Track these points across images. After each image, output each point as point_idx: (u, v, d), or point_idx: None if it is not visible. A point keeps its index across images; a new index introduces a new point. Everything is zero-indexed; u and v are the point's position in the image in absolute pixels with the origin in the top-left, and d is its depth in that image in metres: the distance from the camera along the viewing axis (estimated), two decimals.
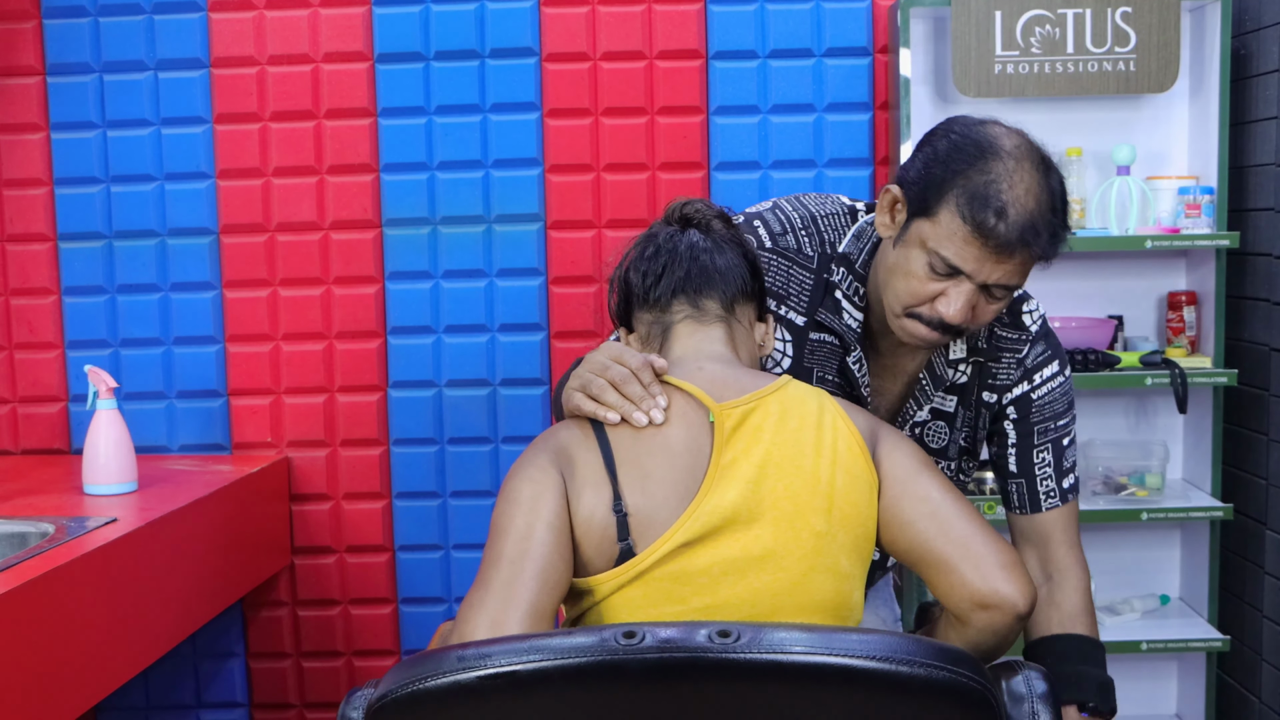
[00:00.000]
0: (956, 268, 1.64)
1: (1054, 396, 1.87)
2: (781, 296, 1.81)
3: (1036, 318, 1.88)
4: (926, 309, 1.69)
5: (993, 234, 1.61)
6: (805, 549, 1.48)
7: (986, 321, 1.72)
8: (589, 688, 1.15)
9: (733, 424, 1.50)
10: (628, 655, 1.13)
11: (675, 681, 1.14)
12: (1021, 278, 1.68)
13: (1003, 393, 1.87)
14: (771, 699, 1.15)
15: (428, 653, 1.19)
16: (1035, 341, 1.87)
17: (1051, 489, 1.86)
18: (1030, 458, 1.86)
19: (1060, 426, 1.87)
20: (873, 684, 1.14)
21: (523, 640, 1.17)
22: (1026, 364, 1.86)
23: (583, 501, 1.49)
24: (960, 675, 1.15)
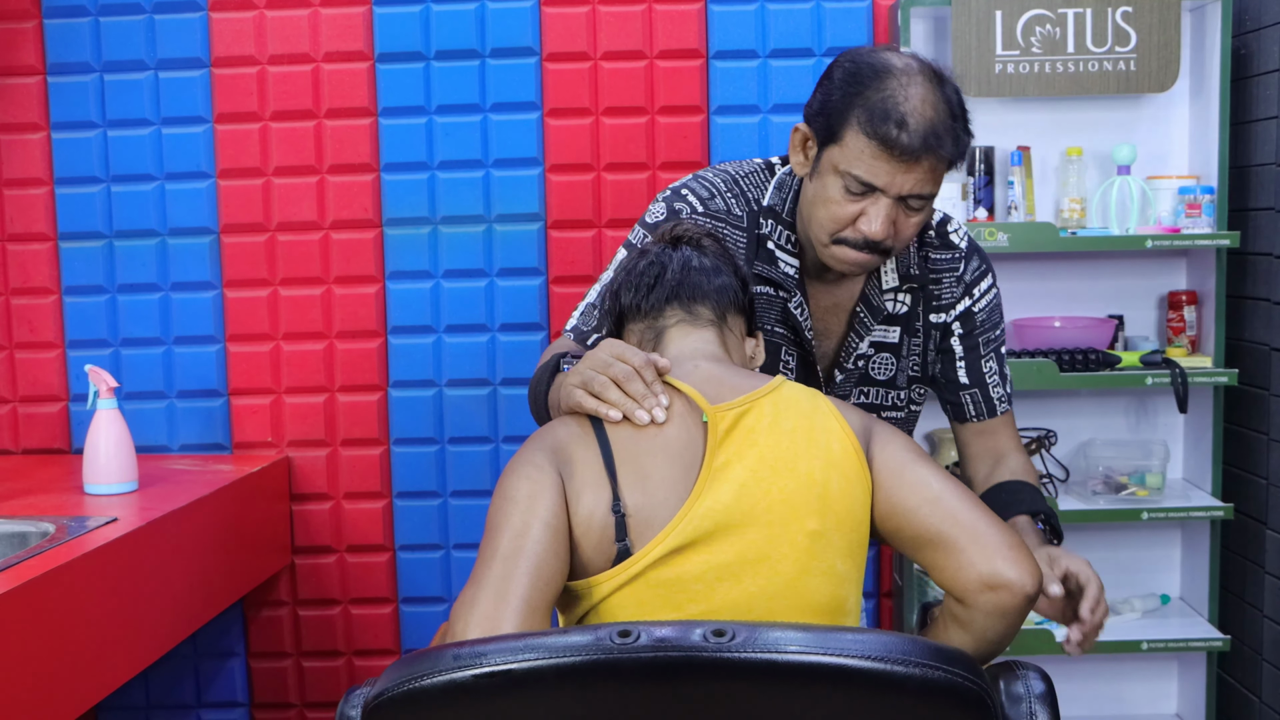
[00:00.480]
0: (870, 184, 1.73)
1: (992, 308, 1.99)
2: None
3: (963, 234, 1.98)
4: (851, 231, 1.77)
5: (897, 144, 1.69)
6: (799, 551, 1.48)
7: (910, 236, 1.80)
8: (584, 686, 1.15)
9: (726, 425, 1.51)
10: (623, 654, 1.13)
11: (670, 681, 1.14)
12: (934, 185, 1.76)
13: (948, 311, 1.96)
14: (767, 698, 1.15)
15: (424, 651, 1.19)
16: (969, 257, 1.97)
17: (1001, 394, 2.00)
18: (980, 368, 1.98)
19: (998, 336, 2.01)
20: (868, 684, 1.14)
21: (518, 639, 1.17)
22: (966, 279, 1.96)
23: (582, 501, 1.49)
24: (956, 675, 1.15)
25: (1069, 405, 3.06)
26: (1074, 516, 2.84)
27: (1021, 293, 3.04)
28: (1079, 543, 3.08)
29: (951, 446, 2.97)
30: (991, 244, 2.76)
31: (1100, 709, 3.10)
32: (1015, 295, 3.04)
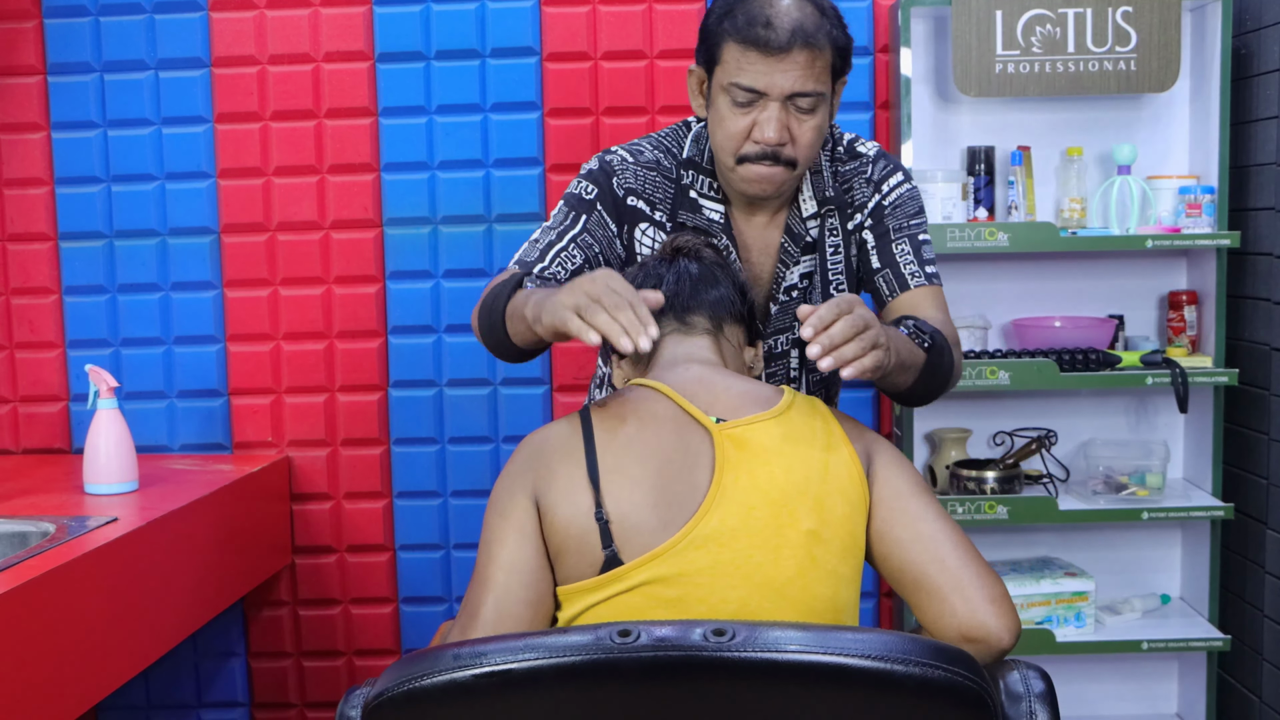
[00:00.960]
0: (751, 88, 1.80)
1: (903, 200, 2.00)
2: (651, 201, 1.96)
3: (871, 145, 2.04)
4: (749, 145, 1.84)
5: (766, 41, 1.78)
6: (797, 551, 1.47)
7: (810, 143, 1.85)
8: (584, 686, 1.15)
9: (736, 441, 1.50)
10: (623, 654, 1.13)
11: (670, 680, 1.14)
12: (815, 81, 1.81)
13: (861, 210, 2.00)
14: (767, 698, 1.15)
15: (424, 651, 1.19)
16: (875, 160, 2.02)
17: (915, 271, 1.97)
18: (890, 250, 1.98)
19: (914, 224, 2.00)
20: (868, 683, 1.14)
21: (518, 639, 1.17)
22: (874, 179, 2.00)
23: (560, 511, 1.49)
24: (956, 674, 1.15)
25: (1069, 405, 3.06)
26: (1074, 516, 2.84)
27: (1022, 292, 3.04)
28: (1079, 543, 3.08)
29: (953, 446, 2.97)
30: (992, 244, 2.76)
31: (1100, 709, 3.10)
32: (1015, 295, 3.04)
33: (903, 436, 2.91)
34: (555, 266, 1.89)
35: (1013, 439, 3.01)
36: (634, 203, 1.97)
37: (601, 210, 1.96)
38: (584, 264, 1.91)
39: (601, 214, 1.96)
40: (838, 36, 1.84)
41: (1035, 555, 3.08)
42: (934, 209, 2.87)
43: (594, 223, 1.95)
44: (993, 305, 3.04)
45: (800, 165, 1.87)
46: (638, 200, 1.96)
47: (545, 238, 1.94)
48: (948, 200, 2.87)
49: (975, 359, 2.80)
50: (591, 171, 1.99)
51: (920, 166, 2.92)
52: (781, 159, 1.84)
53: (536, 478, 1.52)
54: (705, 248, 1.74)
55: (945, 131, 3.00)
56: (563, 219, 1.96)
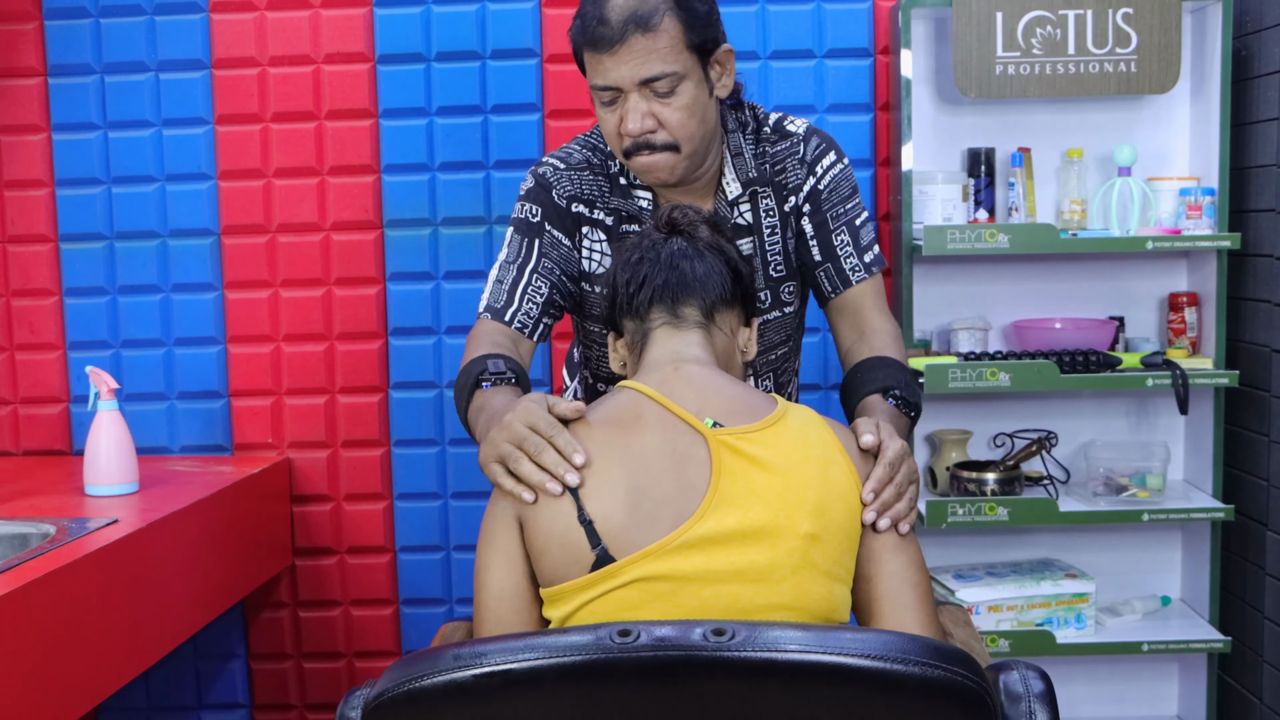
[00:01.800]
0: (605, 85, 1.84)
1: (837, 182, 2.00)
2: (589, 202, 1.99)
3: (800, 123, 2.02)
4: (626, 141, 1.86)
5: (601, 37, 1.81)
6: (795, 554, 1.47)
7: (684, 123, 1.85)
8: (584, 686, 1.15)
9: (731, 449, 1.49)
10: (623, 653, 1.13)
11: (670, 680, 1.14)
12: (661, 61, 1.82)
13: (796, 193, 2.00)
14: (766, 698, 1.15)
15: (424, 652, 1.19)
16: (806, 139, 2.00)
17: (856, 265, 2.00)
18: (830, 242, 2.00)
19: (850, 209, 2.01)
20: (868, 682, 1.14)
21: (518, 639, 1.17)
22: (807, 159, 1.99)
23: (539, 518, 1.49)
24: (956, 674, 1.15)
25: (1069, 406, 3.06)
26: (1075, 518, 2.84)
27: (1022, 294, 3.04)
28: (1080, 544, 3.08)
29: (953, 448, 2.97)
30: (992, 245, 2.76)
31: (1101, 710, 3.10)
32: (1016, 296, 3.04)
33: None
34: (526, 304, 1.94)
35: (1013, 440, 3.01)
36: (578, 208, 1.99)
37: (550, 229, 1.98)
38: (551, 292, 1.96)
39: (551, 233, 1.98)
40: (682, 5, 1.83)
41: (1036, 557, 3.08)
42: (934, 210, 2.87)
43: (547, 245, 1.97)
44: (993, 307, 3.04)
45: (685, 146, 1.87)
46: (580, 205, 1.99)
47: (507, 276, 1.97)
48: (948, 202, 2.87)
49: (976, 360, 2.80)
50: (530, 190, 2.00)
51: (921, 168, 2.92)
52: (657, 145, 1.85)
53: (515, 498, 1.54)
54: (701, 224, 1.70)
55: (946, 133, 3.00)
56: (518, 251, 1.98)
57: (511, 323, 1.94)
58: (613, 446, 1.50)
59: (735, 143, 1.99)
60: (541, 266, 1.97)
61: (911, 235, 2.85)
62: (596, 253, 2.00)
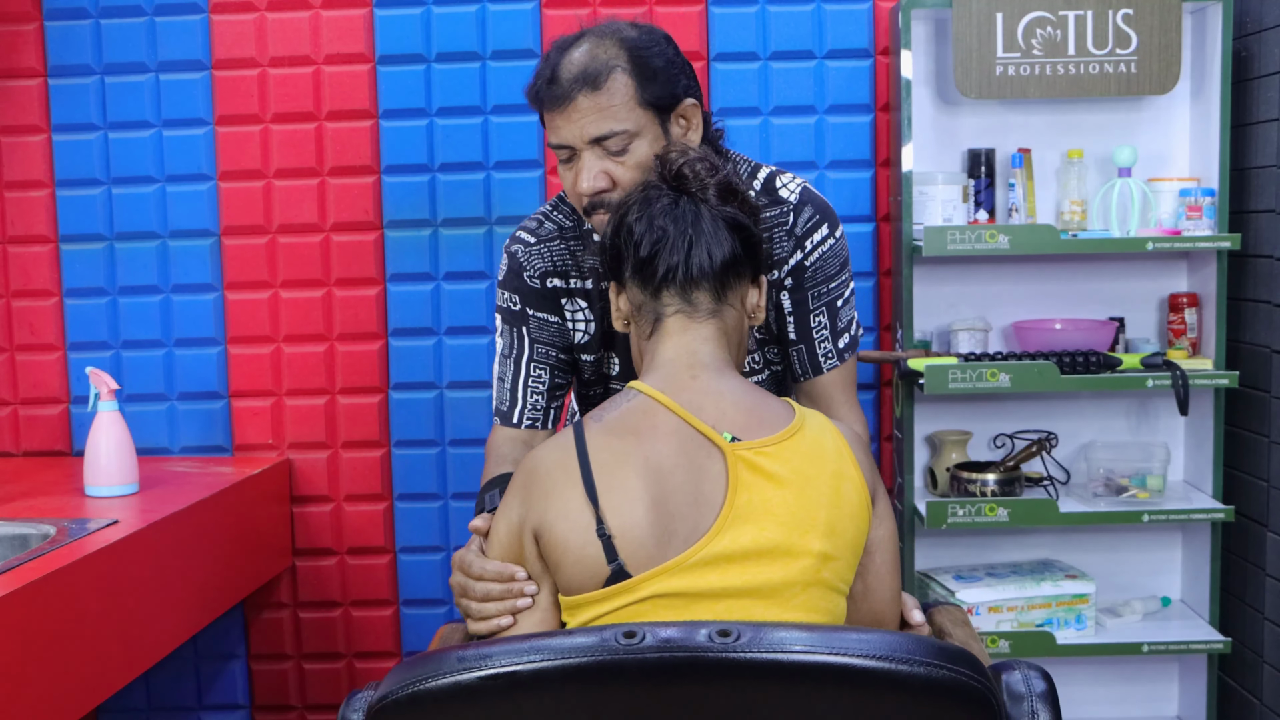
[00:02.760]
0: (559, 145, 1.83)
1: (825, 259, 1.93)
2: (563, 274, 1.97)
3: (794, 188, 1.94)
4: (586, 199, 1.83)
5: (552, 97, 1.80)
6: (807, 571, 1.48)
7: (639, 178, 1.76)
8: (589, 687, 1.15)
9: (749, 464, 1.49)
10: (628, 655, 1.13)
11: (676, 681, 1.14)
12: (613, 119, 1.80)
13: (780, 267, 1.93)
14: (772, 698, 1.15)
15: (427, 654, 1.19)
16: (799, 209, 1.92)
17: (829, 350, 1.96)
18: (807, 323, 1.95)
19: (833, 289, 1.95)
20: (873, 683, 1.14)
21: (523, 640, 1.17)
22: (796, 233, 1.92)
23: (557, 528, 1.49)
24: (961, 674, 1.15)
25: (1070, 407, 3.06)
26: (1075, 519, 2.84)
27: (1022, 295, 3.04)
28: (1080, 545, 3.08)
29: (953, 448, 2.97)
30: (992, 246, 2.76)
31: (1101, 711, 3.10)
32: (1016, 297, 3.04)
33: (903, 439, 2.91)
34: (532, 397, 1.98)
35: (1013, 441, 3.01)
36: (553, 283, 1.98)
37: (532, 312, 1.99)
38: (552, 376, 1.99)
39: (535, 315, 1.99)
40: (635, 62, 1.81)
41: (1036, 557, 3.08)
42: (934, 211, 2.87)
43: (535, 329, 1.99)
44: (993, 307, 3.04)
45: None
46: (554, 279, 1.98)
47: (507, 372, 2.01)
48: (948, 203, 2.87)
49: (976, 361, 2.80)
50: (505, 277, 2.01)
51: (921, 169, 2.92)
52: (611, 205, 1.79)
53: (532, 506, 1.53)
54: (710, 183, 1.62)
55: (946, 134, 3.00)
56: (510, 343, 2.01)
57: (520, 423, 1.99)
58: (629, 459, 1.49)
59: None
60: (536, 354, 1.99)
61: (911, 236, 2.85)
62: (581, 322, 1.99)
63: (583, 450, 1.50)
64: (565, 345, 2.00)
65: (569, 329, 2.00)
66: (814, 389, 1.98)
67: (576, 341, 2.00)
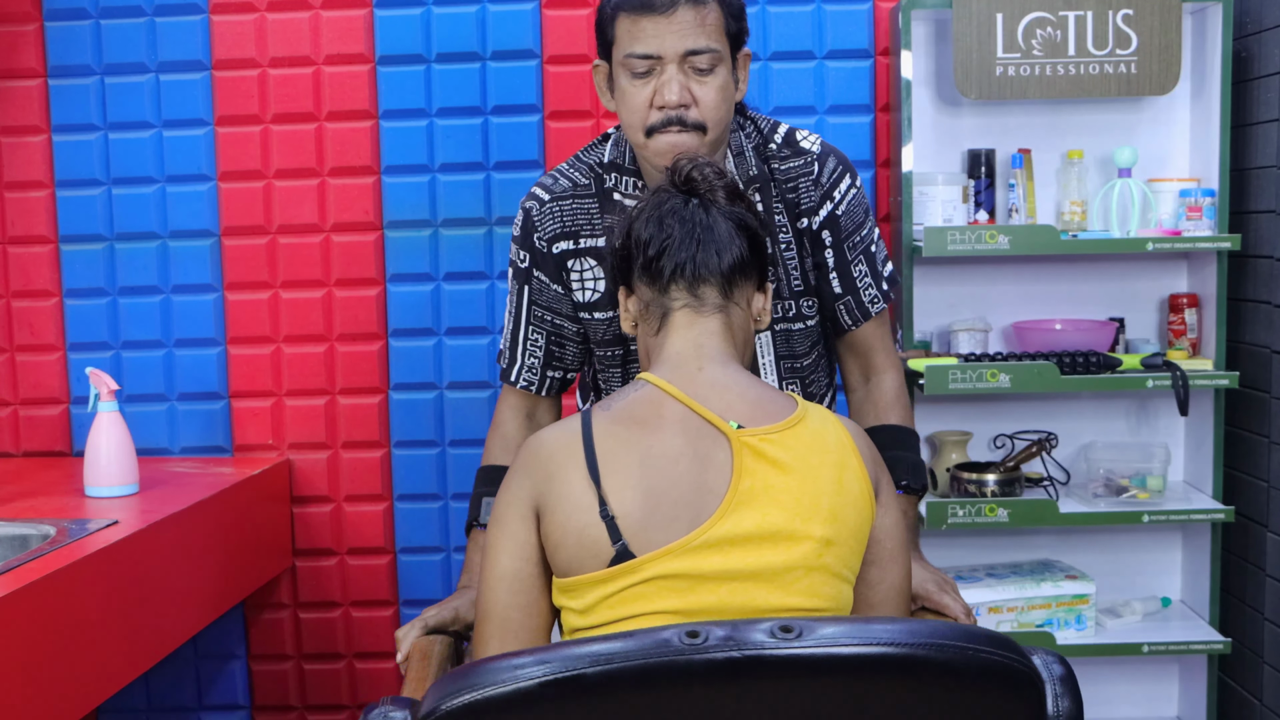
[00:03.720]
0: (645, 54, 1.82)
1: (852, 208, 2.01)
2: (574, 234, 1.99)
3: (814, 140, 2.01)
4: (655, 115, 1.84)
5: (651, 4, 1.81)
6: (810, 556, 1.50)
7: (717, 104, 1.84)
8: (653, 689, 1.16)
9: (754, 450, 1.51)
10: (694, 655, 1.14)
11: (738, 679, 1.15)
12: (708, 36, 1.83)
13: (811, 216, 1.99)
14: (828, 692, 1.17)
15: (476, 664, 1.18)
16: (823, 160, 1.99)
17: (874, 295, 2.04)
18: (850, 274, 2.02)
19: (865, 235, 2.03)
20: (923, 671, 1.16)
21: (581, 645, 1.16)
22: (823, 183, 1.98)
23: (561, 509, 1.51)
24: (1009, 658, 1.17)
25: (1070, 408, 3.06)
26: (1075, 519, 2.84)
27: (1022, 295, 3.04)
28: (1080, 545, 3.08)
29: (953, 449, 2.97)
30: (992, 247, 2.76)
31: (1101, 712, 3.10)
32: (1016, 298, 3.04)
33: None
34: (528, 359, 2.06)
35: (1013, 442, 3.01)
36: (560, 247, 2.01)
37: (538, 274, 2.03)
38: (549, 343, 2.05)
39: (539, 278, 2.03)
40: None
41: (1036, 558, 3.08)
42: (934, 212, 2.87)
43: (536, 290, 2.04)
44: (993, 308, 3.04)
45: (710, 130, 1.87)
46: (563, 242, 2.00)
47: (508, 326, 2.08)
48: (948, 203, 2.87)
49: (976, 362, 2.80)
50: (519, 234, 2.05)
51: (921, 169, 2.92)
52: (688, 122, 1.84)
53: (534, 485, 1.55)
54: (719, 185, 1.65)
55: (946, 134, 3.00)
56: (513, 298, 2.07)
57: (517, 382, 2.07)
58: (634, 446, 1.51)
59: (737, 142, 1.99)
60: (533, 316, 2.04)
61: (912, 236, 2.85)
62: (590, 280, 2.00)
63: (588, 435, 1.53)
64: (565, 313, 2.03)
65: (571, 298, 2.02)
66: (856, 338, 2.06)
67: (586, 300, 2.00)
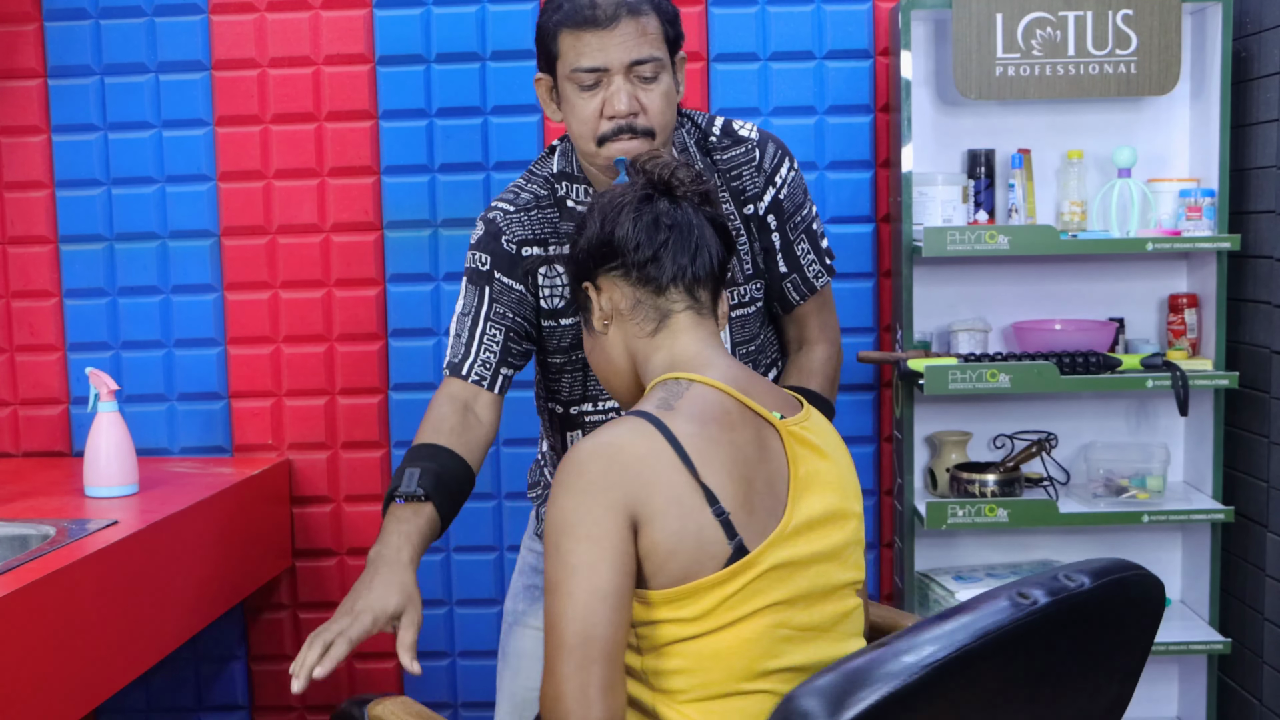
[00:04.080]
0: (592, 67, 1.88)
1: (793, 190, 2.07)
2: (542, 241, 2.03)
3: (750, 127, 2.07)
4: (605, 125, 1.90)
5: (594, 19, 1.87)
6: (851, 536, 1.62)
7: (662, 110, 1.92)
8: (999, 657, 1.29)
9: (798, 438, 1.59)
10: (1031, 616, 1.29)
11: (1060, 633, 1.34)
12: (650, 46, 1.90)
13: (756, 201, 2.04)
14: (1070, 634, 1.37)
15: (851, 666, 1.30)
16: (762, 146, 2.04)
17: (818, 271, 2.11)
18: (794, 252, 2.08)
19: (805, 215, 2.09)
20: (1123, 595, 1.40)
21: (945, 622, 1.29)
22: (765, 169, 2.04)
23: (667, 520, 1.48)
24: (1144, 571, 1.42)
25: (1070, 408, 3.06)
26: (1075, 519, 2.84)
27: (1022, 295, 3.04)
28: (1080, 545, 3.08)
29: (953, 449, 2.97)
30: (992, 247, 2.76)
31: None
32: (1015, 298, 3.04)
33: (903, 440, 2.91)
34: (483, 354, 2.01)
35: (1013, 442, 3.01)
36: (529, 251, 2.03)
37: (499, 276, 2.02)
38: (507, 339, 2.01)
39: (501, 280, 2.02)
40: (661, 3, 1.93)
41: (1035, 558, 3.08)
42: (934, 212, 2.87)
43: (498, 291, 2.02)
44: (993, 308, 3.04)
45: (658, 135, 1.92)
46: (532, 247, 2.03)
47: (463, 328, 2.02)
48: (948, 203, 2.87)
49: (975, 362, 2.80)
50: (480, 239, 2.05)
51: (920, 169, 2.92)
52: (638, 129, 1.90)
53: (626, 494, 1.48)
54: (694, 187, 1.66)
55: (945, 134, 3.00)
56: (471, 300, 2.04)
57: (469, 375, 2.00)
58: (719, 442, 1.53)
59: (679, 140, 2.04)
60: (494, 313, 2.02)
61: (911, 237, 2.85)
62: (559, 287, 2.03)
63: (671, 436, 1.51)
64: (526, 315, 2.04)
65: (539, 298, 2.04)
66: (802, 312, 2.12)
67: (551, 307, 2.04)
